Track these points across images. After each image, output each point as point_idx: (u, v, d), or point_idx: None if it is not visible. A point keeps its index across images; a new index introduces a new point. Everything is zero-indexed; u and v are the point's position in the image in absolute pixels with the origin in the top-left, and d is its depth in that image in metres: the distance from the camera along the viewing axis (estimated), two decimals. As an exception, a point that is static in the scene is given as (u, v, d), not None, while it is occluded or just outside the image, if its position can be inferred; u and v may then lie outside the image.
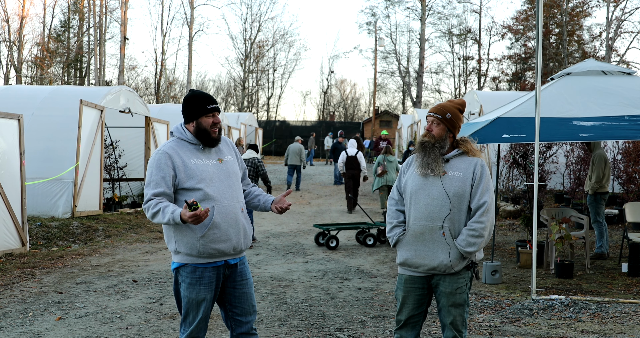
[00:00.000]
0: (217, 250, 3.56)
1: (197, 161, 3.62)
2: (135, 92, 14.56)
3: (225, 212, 3.58)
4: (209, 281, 3.59)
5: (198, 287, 3.57)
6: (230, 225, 3.59)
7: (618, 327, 5.66)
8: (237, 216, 3.64)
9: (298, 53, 72.79)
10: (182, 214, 3.33)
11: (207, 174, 3.60)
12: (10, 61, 40.60)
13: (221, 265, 3.63)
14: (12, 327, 5.63)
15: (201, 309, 3.59)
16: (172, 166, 3.56)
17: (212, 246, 3.54)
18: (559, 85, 7.96)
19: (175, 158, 3.58)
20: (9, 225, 9.04)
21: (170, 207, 3.43)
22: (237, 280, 3.71)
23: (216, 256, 3.59)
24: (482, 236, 3.64)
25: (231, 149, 3.84)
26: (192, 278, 3.57)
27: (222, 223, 3.56)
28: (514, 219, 13.07)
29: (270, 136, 41.42)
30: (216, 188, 3.59)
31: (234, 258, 3.69)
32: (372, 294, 7.06)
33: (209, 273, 3.59)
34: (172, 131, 3.75)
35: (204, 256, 3.55)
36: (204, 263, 3.58)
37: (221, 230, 3.56)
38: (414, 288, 3.78)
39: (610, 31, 34.54)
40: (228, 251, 3.60)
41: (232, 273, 3.71)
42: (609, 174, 9.15)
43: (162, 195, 3.53)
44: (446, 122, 3.79)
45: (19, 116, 9.43)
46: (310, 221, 13.59)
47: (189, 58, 40.62)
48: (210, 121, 3.65)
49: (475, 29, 46.65)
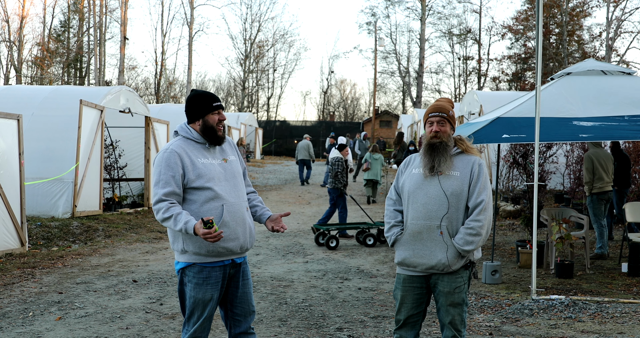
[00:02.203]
0: (226, 249, 3.58)
1: (205, 160, 3.64)
2: (135, 92, 14.56)
3: (234, 211, 3.61)
4: (215, 281, 3.61)
5: (205, 287, 3.58)
6: (238, 224, 3.63)
7: (618, 327, 5.66)
8: (244, 215, 3.68)
9: (298, 53, 72.95)
10: (195, 228, 3.38)
11: (215, 174, 3.62)
12: (10, 61, 40.61)
13: (228, 264, 3.65)
14: (12, 327, 5.63)
15: (207, 309, 3.61)
16: (182, 165, 3.57)
17: (221, 245, 3.56)
18: (559, 85, 7.95)
19: (184, 156, 3.59)
20: (9, 225, 9.04)
21: (183, 216, 3.44)
22: (240, 280, 3.73)
23: (224, 255, 3.61)
24: (480, 235, 3.64)
25: (233, 149, 3.87)
26: (199, 278, 3.58)
27: (231, 222, 3.59)
28: (514, 219, 13.07)
29: (270, 136, 41.42)
30: (223, 187, 3.62)
31: (240, 257, 3.72)
32: (372, 294, 7.06)
33: (215, 272, 3.60)
34: (177, 130, 3.75)
35: (212, 255, 3.57)
36: (211, 262, 3.59)
37: (230, 228, 3.58)
38: (412, 288, 3.78)
39: (610, 31, 34.54)
40: (236, 249, 3.63)
41: (236, 272, 3.73)
42: (602, 174, 9.15)
43: (172, 195, 3.53)
44: (450, 121, 3.80)
45: (18, 116, 9.43)
46: (310, 221, 13.60)
47: (189, 58, 40.62)
48: (217, 118, 3.69)
49: (475, 29, 46.75)
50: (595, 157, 9.21)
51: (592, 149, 9.35)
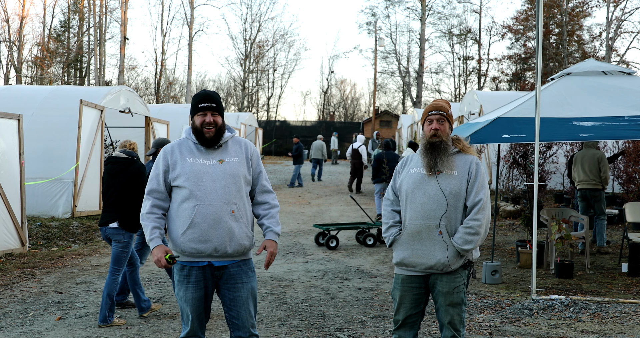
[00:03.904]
0: (197, 250, 3.56)
1: (192, 160, 3.62)
2: (135, 92, 14.57)
3: (208, 213, 3.54)
4: (196, 280, 3.60)
5: (185, 285, 3.61)
6: (211, 226, 3.54)
7: (618, 327, 5.66)
8: (221, 217, 3.55)
9: (298, 53, 72.92)
10: (154, 250, 3.53)
11: (196, 173, 3.57)
12: (10, 61, 40.60)
13: (205, 266, 3.62)
14: (12, 327, 5.63)
15: (192, 307, 3.61)
16: (168, 163, 3.65)
17: (191, 246, 3.55)
18: (559, 85, 7.96)
19: (173, 155, 3.65)
20: (9, 225, 9.04)
21: (155, 231, 3.59)
22: (229, 283, 3.66)
23: (197, 256, 3.59)
24: (479, 234, 3.64)
25: (242, 151, 3.74)
26: (180, 275, 3.64)
27: (202, 223, 3.53)
28: (514, 219, 13.07)
29: (270, 136, 41.40)
30: (205, 187, 3.55)
31: (219, 261, 3.63)
32: (372, 294, 7.06)
33: (195, 272, 3.61)
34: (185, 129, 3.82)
35: (185, 254, 3.60)
36: (188, 262, 3.62)
37: (200, 229, 3.54)
38: (410, 288, 3.78)
39: (610, 31, 34.53)
40: (208, 252, 3.57)
41: (224, 275, 3.66)
42: (578, 172, 9.57)
43: (154, 192, 3.65)
44: (449, 119, 3.81)
45: (19, 116, 9.43)
46: (310, 221, 13.59)
47: (189, 58, 40.60)
48: (200, 119, 3.63)
49: (475, 29, 46.72)
50: (575, 158, 9.65)
51: (583, 149, 9.58)
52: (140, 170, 5.96)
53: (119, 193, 5.86)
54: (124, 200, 5.84)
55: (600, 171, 9.34)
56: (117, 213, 5.80)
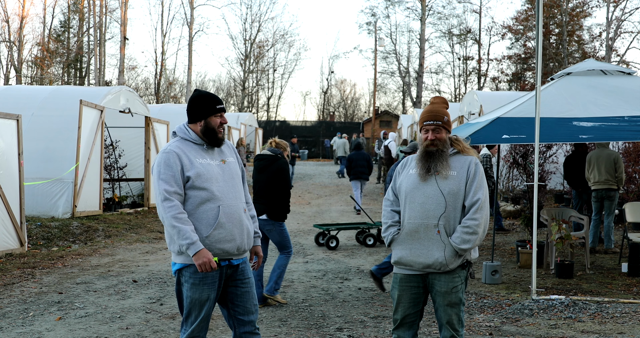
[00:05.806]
0: (222, 250, 3.58)
1: (203, 161, 3.64)
2: (135, 92, 14.56)
3: (230, 212, 3.61)
4: (212, 281, 3.60)
5: (202, 287, 3.58)
6: (235, 225, 3.62)
7: (618, 327, 5.66)
8: (241, 216, 3.67)
9: (298, 53, 72.81)
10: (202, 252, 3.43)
11: (213, 174, 3.62)
12: (10, 61, 40.59)
13: (224, 266, 3.64)
14: (12, 327, 5.63)
15: (204, 309, 3.61)
16: (181, 165, 3.58)
17: (217, 246, 3.56)
18: (559, 85, 7.95)
19: (182, 157, 3.60)
20: (8, 225, 9.04)
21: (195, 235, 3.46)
22: (238, 279, 3.72)
23: (220, 257, 3.60)
24: (477, 233, 3.64)
25: (232, 151, 3.87)
26: (195, 278, 3.58)
27: (227, 223, 3.59)
28: (514, 219, 13.07)
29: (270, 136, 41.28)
30: (221, 188, 3.62)
31: (237, 259, 3.71)
32: (372, 294, 7.06)
33: (212, 273, 3.59)
34: (175, 131, 3.76)
35: None
36: None
37: (226, 229, 3.58)
38: (409, 287, 3.79)
39: (610, 31, 34.54)
40: (232, 251, 3.63)
41: (234, 272, 3.72)
42: (593, 173, 9.56)
43: (176, 195, 3.52)
44: (446, 126, 3.81)
45: (18, 116, 9.43)
46: (310, 221, 13.59)
47: (189, 58, 40.59)
48: (219, 120, 3.71)
49: (475, 29, 46.68)
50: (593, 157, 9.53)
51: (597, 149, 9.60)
52: (283, 166, 6.43)
53: (265, 186, 6.39)
54: (270, 193, 6.36)
55: (616, 171, 9.36)
56: (265, 205, 6.33)
